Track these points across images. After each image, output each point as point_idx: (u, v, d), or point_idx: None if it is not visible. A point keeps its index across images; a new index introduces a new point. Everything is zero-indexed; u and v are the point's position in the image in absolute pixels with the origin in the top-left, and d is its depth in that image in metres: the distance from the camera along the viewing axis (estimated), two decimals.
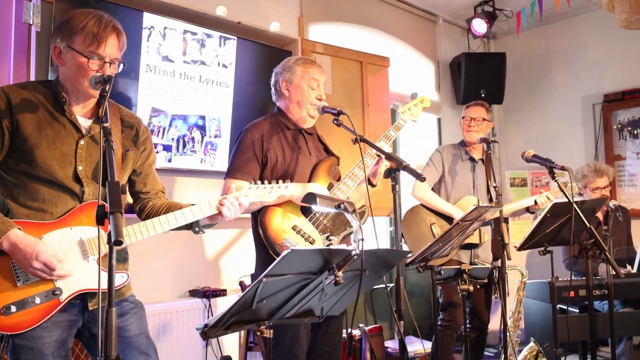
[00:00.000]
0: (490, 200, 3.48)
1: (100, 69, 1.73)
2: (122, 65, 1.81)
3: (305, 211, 2.34)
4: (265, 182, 1.99)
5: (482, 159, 3.50)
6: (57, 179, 1.73)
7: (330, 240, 2.32)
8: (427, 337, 4.60)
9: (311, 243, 2.28)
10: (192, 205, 1.90)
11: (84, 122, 1.82)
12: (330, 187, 2.43)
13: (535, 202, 3.33)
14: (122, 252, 1.90)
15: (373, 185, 2.50)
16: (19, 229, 1.64)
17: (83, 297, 1.77)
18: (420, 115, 2.80)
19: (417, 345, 4.19)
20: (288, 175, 2.41)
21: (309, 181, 2.43)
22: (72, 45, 1.73)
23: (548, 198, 3.29)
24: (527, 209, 3.42)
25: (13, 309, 1.62)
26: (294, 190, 2.28)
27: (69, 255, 1.70)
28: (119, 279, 1.80)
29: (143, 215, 2.02)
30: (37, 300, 1.65)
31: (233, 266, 3.73)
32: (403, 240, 3.33)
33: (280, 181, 2.02)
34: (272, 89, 2.60)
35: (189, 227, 1.95)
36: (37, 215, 1.72)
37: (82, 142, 1.79)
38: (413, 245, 3.31)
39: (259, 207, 2.33)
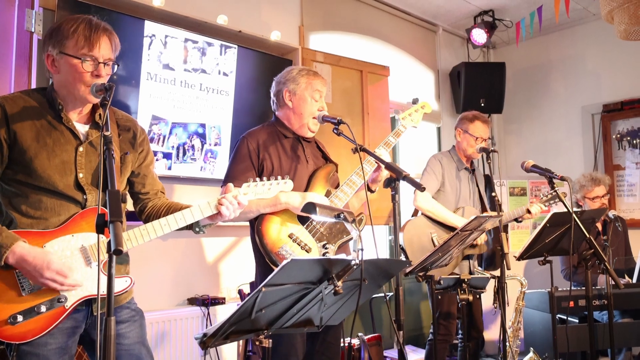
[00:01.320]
0: (483, 210, 3.48)
1: (95, 70, 1.72)
2: (116, 66, 1.80)
3: (302, 219, 2.34)
4: (264, 178, 1.98)
5: (474, 169, 3.52)
6: (58, 189, 1.73)
7: (326, 248, 2.32)
8: (423, 346, 4.58)
9: (307, 251, 2.28)
10: (191, 206, 1.89)
11: (82, 129, 1.81)
12: (328, 194, 2.43)
13: (529, 211, 3.34)
14: (123, 255, 1.90)
15: (372, 192, 2.50)
16: (24, 241, 1.64)
17: (88, 303, 1.76)
18: (420, 121, 2.74)
19: (416, 355, 4.18)
20: (286, 176, 2.41)
21: (307, 189, 2.43)
22: (64, 50, 1.72)
23: (541, 207, 3.32)
24: (516, 219, 3.42)
25: (19, 318, 1.62)
26: (291, 198, 2.28)
27: (72, 262, 1.70)
28: (122, 283, 1.79)
29: (143, 216, 2.01)
30: (43, 309, 1.65)
31: (232, 274, 3.73)
32: (403, 254, 3.31)
33: (279, 177, 2.00)
34: (273, 98, 2.60)
35: (190, 227, 1.93)
36: (40, 224, 1.71)
37: (80, 149, 1.78)
38: (416, 259, 3.29)
39: (256, 214, 2.33)
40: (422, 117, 2.74)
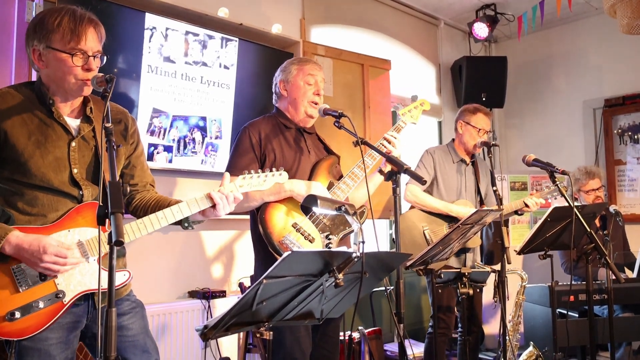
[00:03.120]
0: (481, 203, 3.48)
1: (85, 64, 1.71)
2: (105, 58, 1.78)
3: (306, 209, 2.34)
4: (260, 170, 1.98)
5: (472, 162, 3.49)
6: (53, 186, 1.71)
7: (329, 239, 2.32)
8: (421, 340, 4.59)
9: (311, 242, 2.28)
10: (182, 201, 1.88)
11: (73, 123, 1.79)
12: (330, 185, 2.43)
13: (526, 204, 3.33)
14: (120, 248, 1.89)
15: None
16: (17, 231, 1.63)
17: (87, 298, 1.76)
18: (420, 118, 2.77)
19: (417, 348, 4.18)
20: (281, 167, 2.41)
21: (309, 180, 2.43)
22: (51, 45, 1.69)
23: (536, 203, 3.31)
24: (516, 212, 3.42)
25: (17, 314, 1.61)
26: (296, 186, 2.28)
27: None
28: (121, 277, 1.79)
29: (130, 208, 1.98)
30: (41, 305, 1.64)
31: (233, 268, 3.73)
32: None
33: (274, 169, 2.00)
34: (273, 93, 2.63)
35: (177, 222, 1.91)
36: (38, 221, 1.70)
37: (73, 144, 1.76)
38: (408, 252, 3.28)
39: (259, 203, 2.33)
40: (421, 113, 2.77)
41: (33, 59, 1.74)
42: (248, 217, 2.49)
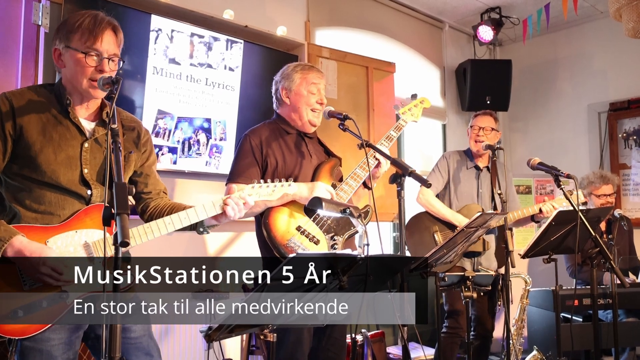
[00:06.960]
0: (495, 208, 3.47)
1: (98, 65, 1.73)
2: (122, 62, 1.80)
3: (309, 211, 2.34)
4: (269, 180, 1.99)
5: (487, 167, 3.49)
6: (61, 184, 1.73)
7: (334, 240, 2.32)
8: (428, 343, 4.58)
9: (316, 243, 2.28)
10: (194, 206, 1.89)
11: (88, 125, 1.82)
12: (332, 188, 2.43)
13: (540, 210, 3.32)
14: (125, 253, 1.90)
15: (369, 188, 2.50)
16: (22, 235, 1.63)
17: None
18: (420, 115, 2.78)
19: (419, 352, 4.17)
20: (290, 178, 2.42)
21: None
22: (70, 44, 1.73)
23: (553, 206, 3.28)
24: (532, 218, 3.40)
25: (20, 313, 1.61)
26: (299, 189, 2.28)
27: (74, 259, 1.69)
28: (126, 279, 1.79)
29: (146, 216, 2.01)
30: (44, 304, 1.65)
31: (236, 269, 3.73)
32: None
33: (283, 180, 2.01)
34: (273, 97, 2.61)
35: (193, 227, 1.94)
36: (45, 219, 1.71)
37: (86, 145, 1.79)
38: (415, 251, 3.30)
39: (262, 209, 2.34)
40: (421, 111, 2.78)
41: (54, 58, 1.79)
42: (251, 218, 2.49)
